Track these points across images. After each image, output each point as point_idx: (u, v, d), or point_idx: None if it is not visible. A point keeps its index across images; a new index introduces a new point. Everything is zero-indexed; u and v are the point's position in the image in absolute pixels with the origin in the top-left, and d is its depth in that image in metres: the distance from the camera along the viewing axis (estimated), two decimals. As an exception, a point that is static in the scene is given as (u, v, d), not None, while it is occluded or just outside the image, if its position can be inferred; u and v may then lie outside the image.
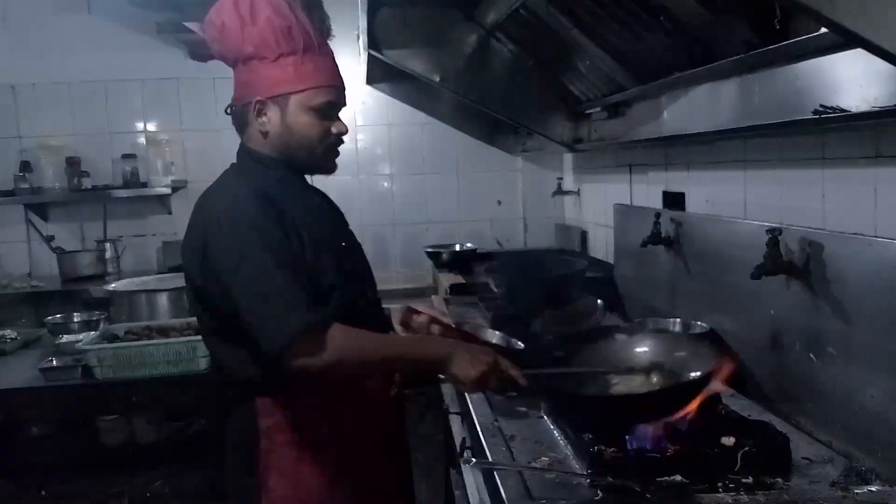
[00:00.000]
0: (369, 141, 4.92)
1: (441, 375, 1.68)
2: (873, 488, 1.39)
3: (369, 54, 3.65)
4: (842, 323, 1.62)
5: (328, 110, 1.71)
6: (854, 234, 1.63)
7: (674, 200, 2.77)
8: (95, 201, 4.74)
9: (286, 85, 1.66)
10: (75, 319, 3.48)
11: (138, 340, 2.93)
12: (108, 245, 4.72)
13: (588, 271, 3.11)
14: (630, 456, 1.48)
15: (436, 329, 1.88)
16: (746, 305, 2.04)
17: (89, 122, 4.73)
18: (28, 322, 4.00)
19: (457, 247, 4.60)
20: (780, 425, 1.66)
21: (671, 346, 1.80)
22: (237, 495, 1.79)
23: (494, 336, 2.11)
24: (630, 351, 1.84)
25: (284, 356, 1.50)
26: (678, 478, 1.43)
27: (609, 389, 1.74)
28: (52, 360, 2.97)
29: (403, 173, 4.97)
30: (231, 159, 1.79)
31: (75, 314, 3.56)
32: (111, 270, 4.65)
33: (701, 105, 2.28)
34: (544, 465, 1.55)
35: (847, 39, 1.05)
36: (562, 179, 4.63)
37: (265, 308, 1.52)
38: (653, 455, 1.47)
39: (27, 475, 3.68)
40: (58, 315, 3.51)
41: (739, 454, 1.46)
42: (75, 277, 4.51)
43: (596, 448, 1.49)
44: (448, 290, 3.61)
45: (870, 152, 1.65)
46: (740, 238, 2.06)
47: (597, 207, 4.00)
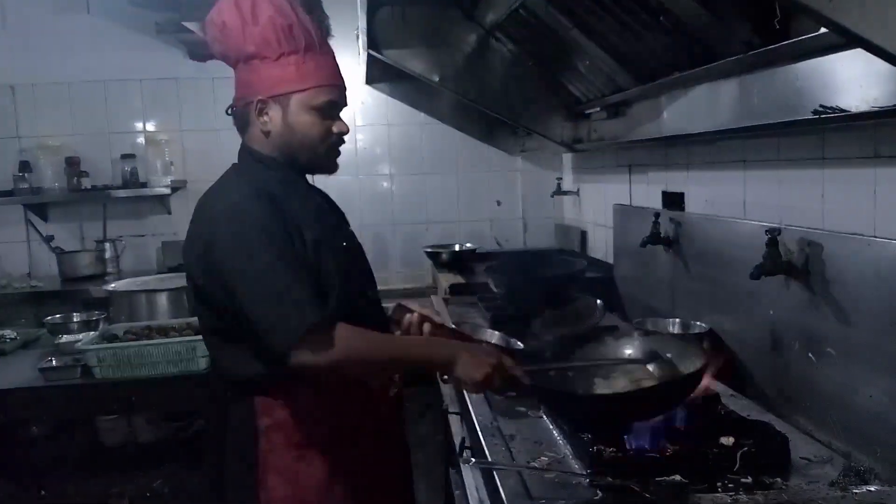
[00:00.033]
0: (369, 141, 4.92)
1: (445, 377, 1.68)
2: (872, 488, 1.39)
3: (369, 54, 3.65)
4: (841, 323, 1.62)
5: (329, 110, 1.71)
6: (853, 234, 1.63)
7: (673, 200, 2.77)
8: (95, 201, 4.75)
9: (288, 84, 1.66)
10: (75, 319, 3.47)
11: (138, 340, 2.93)
12: (108, 245, 4.72)
13: (587, 271, 3.12)
14: (629, 456, 1.48)
15: (427, 328, 1.87)
16: (746, 305, 2.05)
17: (89, 122, 4.73)
18: (27, 322, 4.00)
19: (456, 247, 4.60)
20: (779, 425, 1.66)
21: (665, 346, 1.80)
22: (237, 495, 1.79)
23: (494, 336, 2.10)
24: (627, 350, 1.85)
25: (291, 355, 1.50)
26: (677, 477, 1.43)
27: (605, 385, 1.74)
28: (52, 360, 2.97)
29: (403, 173, 4.97)
30: (231, 159, 1.79)
31: (75, 314, 3.56)
32: (111, 270, 4.65)
33: (700, 105, 2.28)
34: (543, 465, 1.55)
35: (847, 39, 1.05)
36: (561, 179, 4.63)
37: (271, 307, 1.52)
38: (652, 455, 1.48)
39: (27, 475, 3.68)
40: (57, 315, 3.51)
41: (738, 454, 1.46)
42: (75, 277, 4.51)
43: (595, 448, 1.49)
44: (448, 291, 3.61)
45: (869, 152, 1.65)
46: (740, 238, 2.07)
47: (596, 207, 4.00)
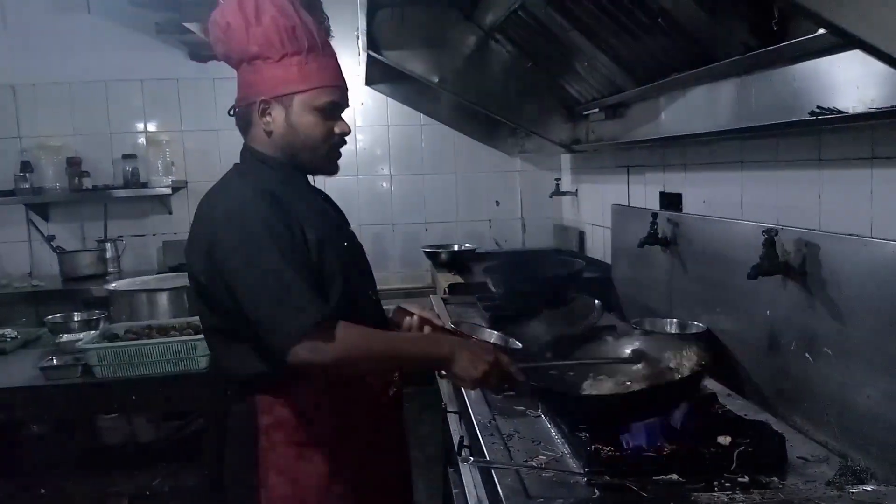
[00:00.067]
0: (368, 141, 4.93)
1: (443, 373, 1.69)
2: (868, 488, 1.40)
3: (368, 55, 3.66)
4: (838, 323, 1.63)
5: (332, 110, 1.72)
6: (850, 235, 1.64)
7: (671, 201, 2.78)
8: (96, 201, 4.76)
9: (290, 85, 1.67)
10: (75, 319, 3.48)
11: (138, 340, 2.94)
12: (109, 245, 4.73)
13: (586, 271, 3.12)
14: (627, 455, 1.49)
15: (427, 330, 1.89)
16: (743, 306, 2.05)
17: (89, 123, 4.75)
18: (28, 321, 4.01)
19: (455, 247, 4.61)
20: (776, 425, 1.67)
21: (662, 346, 1.82)
22: (236, 493, 1.80)
23: (492, 336, 2.11)
24: (627, 349, 1.87)
25: (292, 352, 1.51)
26: (674, 476, 1.44)
27: (594, 386, 1.75)
28: (53, 359, 2.98)
29: (402, 174, 4.98)
30: (231, 159, 1.79)
31: (75, 313, 3.57)
32: (111, 270, 4.67)
33: (698, 106, 2.29)
34: (541, 464, 1.56)
35: (844, 41, 1.05)
36: (560, 180, 4.64)
37: (273, 305, 1.52)
38: (649, 454, 1.48)
39: (27, 473, 3.69)
40: (58, 314, 3.52)
41: (735, 453, 1.47)
42: (76, 277, 4.53)
43: (593, 447, 1.50)
44: (446, 290, 3.61)
45: (866, 153, 1.65)
46: (737, 238, 2.07)
47: (594, 208, 4.01)
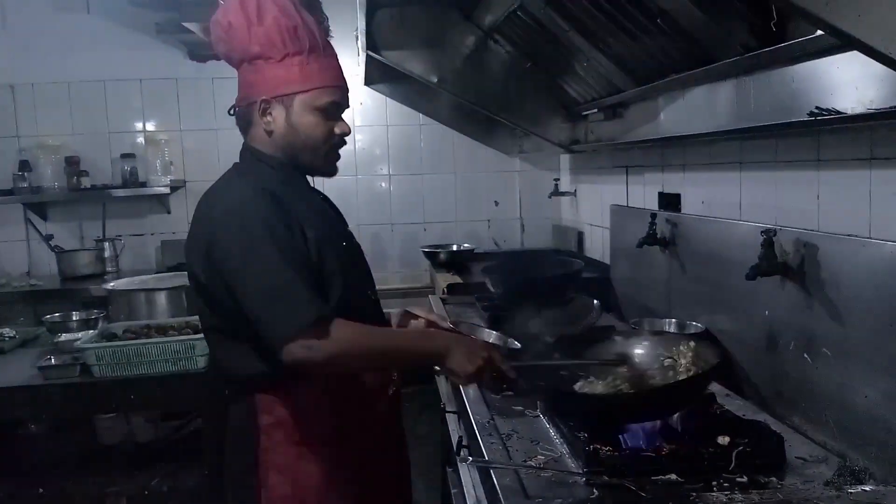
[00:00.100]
0: (367, 141, 4.93)
1: (437, 368, 1.70)
2: (867, 488, 1.40)
3: (367, 55, 3.66)
4: (836, 323, 1.63)
5: (332, 111, 1.73)
6: (848, 236, 1.64)
7: (670, 201, 2.78)
8: (94, 200, 4.76)
9: (291, 85, 1.67)
10: (74, 318, 3.48)
11: (137, 339, 2.94)
12: (107, 244, 4.73)
13: (584, 272, 3.12)
14: (625, 454, 1.49)
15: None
16: (741, 306, 2.05)
17: (88, 122, 4.75)
18: (27, 321, 4.01)
19: (454, 247, 4.61)
20: (775, 425, 1.68)
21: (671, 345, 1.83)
22: (236, 493, 1.80)
23: (491, 336, 2.12)
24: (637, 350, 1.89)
25: (287, 350, 1.51)
26: (673, 476, 1.44)
27: (589, 387, 1.76)
28: (51, 359, 2.98)
29: (401, 174, 4.98)
30: (229, 159, 1.80)
31: (74, 313, 3.57)
32: (110, 269, 4.66)
33: (697, 107, 2.29)
34: (540, 464, 1.56)
35: (843, 42, 1.06)
36: (559, 180, 4.64)
37: (270, 302, 1.53)
38: (648, 454, 1.49)
39: (25, 473, 3.69)
40: (56, 314, 3.52)
41: (734, 453, 1.47)
42: (74, 276, 4.53)
43: (591, 447, 1.50)
44: (445, 290, 3.62)
45: (864, 154, 1.66)
46: (736, 239, 2.08)
47: (593, 208, 4.01)
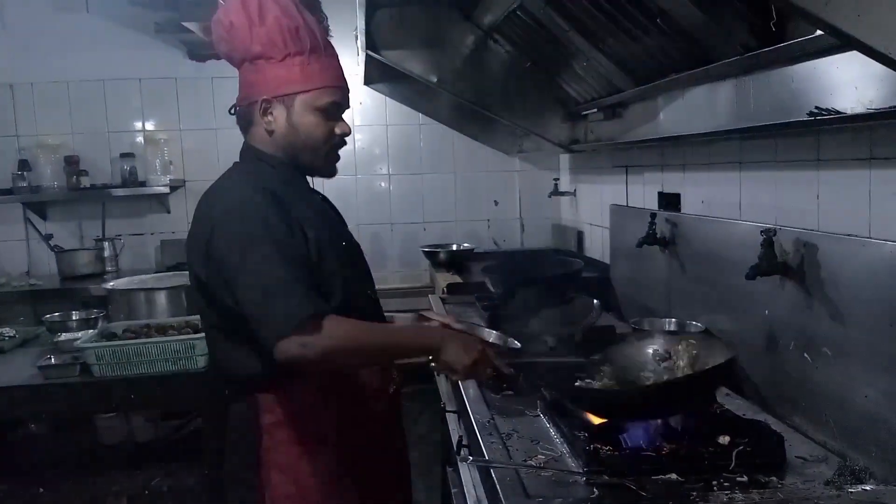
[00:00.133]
0: (367, 141, 4.93)
1: (433, 363, 1.70)
2: (867, 487, 1.40)
3: (367, 55, 3.66)
4: (836, 323, 1.63)
5: (333, 111, 1.73)
6: (848, 236, 1.64)
7: (669, 201, 2.78)
8: (94, 200, 4.76)
9: (292, 85, 1.68)
10: (74, 318, 3.49)
11: (136, 339, 2.94)
12: (107, 244, 4.73)
13: (584, 271, 3.13)
14: (625, 454, 1.49)
15: None
16: (741, 306, 2.06)
17: (88, 121, 4.74)
18: (27, 320, 4.01)
19: (454, 246, 4.61)
20: (775, 424, 1.68)
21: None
22: (237, 493, 1.80)
23: (491, 335, 2.12)
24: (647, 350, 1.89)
25: (281, 347, 1.51)
26: (673, 476, 1.44)
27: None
28: (51, 358, 2.98)
29: (401, 173, 4.98)
30: (229, 158, 1.80)
31: (74, 312, 3.57)
32: (109, 269, 4.66)
33: (697, 107, 2.29)
34: (540, 463, 1.56)
35: (842, 42, 1.06)
36: (558, 180, 4.64)
37: (266, 299, 1.53)
38: (648, 453, 1.49)
39: (25, 472, 3.69)
40: (56, 313, 3.52)
41: (734, 453, 1.47)
42: (74, 276, 4.53)
43: (592, 446, 1.50)
44: (445, 290, 3.61)
45: (864, 154, 1.66)
46: (735, 239, 2.08)
47: (593, 208, 4.01)
